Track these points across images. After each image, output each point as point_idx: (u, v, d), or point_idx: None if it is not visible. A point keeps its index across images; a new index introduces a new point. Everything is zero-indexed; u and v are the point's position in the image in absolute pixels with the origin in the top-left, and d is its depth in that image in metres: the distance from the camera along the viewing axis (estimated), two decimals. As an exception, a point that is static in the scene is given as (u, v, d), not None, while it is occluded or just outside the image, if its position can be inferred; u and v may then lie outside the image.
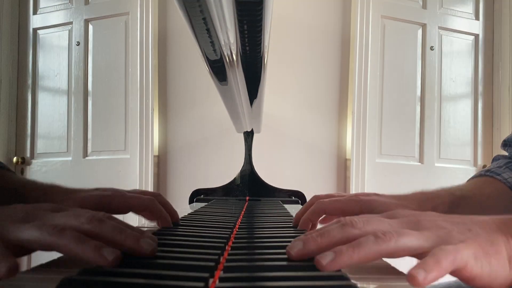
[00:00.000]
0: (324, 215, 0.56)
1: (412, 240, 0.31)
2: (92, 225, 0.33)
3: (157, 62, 1.90)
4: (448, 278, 0.36)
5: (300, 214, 0.55)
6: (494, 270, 0.31)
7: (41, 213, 0.34)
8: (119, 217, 0.41)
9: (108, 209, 0.50)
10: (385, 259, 0.36)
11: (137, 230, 0.35)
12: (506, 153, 0.69)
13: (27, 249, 0.31)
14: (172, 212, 0.54)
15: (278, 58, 1.85)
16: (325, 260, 0.30)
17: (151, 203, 0.51)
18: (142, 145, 1.86)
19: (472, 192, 0.59)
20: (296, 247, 0.32)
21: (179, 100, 1.91)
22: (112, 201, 0.51)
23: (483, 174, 0.63)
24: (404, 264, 0.33)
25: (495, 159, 0.68)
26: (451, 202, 0.55)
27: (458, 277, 0.31)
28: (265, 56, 0.53)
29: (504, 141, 0.70)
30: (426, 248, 0.31)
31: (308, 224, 0.53)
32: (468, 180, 0.65)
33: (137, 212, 0.53)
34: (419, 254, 0.31)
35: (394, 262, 0.36)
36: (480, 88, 2.09)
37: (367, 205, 0.52)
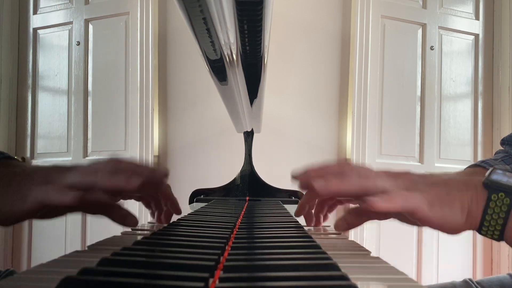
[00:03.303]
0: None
1: (386, 183, 0.40)
2: (112, 164, 0.43)
3: (157, 62, 1.90)
4: (444, 279, 0.41)
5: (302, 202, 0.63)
6: (446, 216, 0.39)
7: (77, 166, 0.44)
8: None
9: None
10: (386, 259, 0.38)
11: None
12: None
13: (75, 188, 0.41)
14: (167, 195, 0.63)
15: (278, 58, 1.85)
16: (317, 183, 0.39)
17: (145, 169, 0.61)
18: (142, 145, 1.86)
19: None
20: (298, 178, 0.43)
21: (179, 100, 1.91)
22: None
23: (478, 164, 0.66)
24: (405, 264, 0.35)
25: (497, 152, 0.70)
26: None
27: (414, 217, 0.40)
28: (265, 56, 0.53)
29: (503, 139, 0.71)
30: (394, 190, 0.40)
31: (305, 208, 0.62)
32: (464, 169, 0.68)
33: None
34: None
35: (394, 263, 0.36)
36: (480, 88, 2.09)
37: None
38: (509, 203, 0.38)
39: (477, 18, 2.10)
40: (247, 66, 0.54)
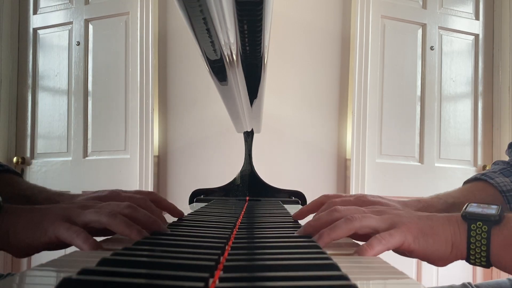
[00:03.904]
0: None
1: (372, 221, 0.44)
2: (130, 210, 0.46)
3: (157, 62, 1.90)
4: (451, 282, 0.44)
5: (305, 209, 0.64)
6: (429, 247, 0.42)
7: (93, 203, 0.48)
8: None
9: None
10: (386, 259, 0.39)
11: (160, 217, 0.51)
12: (507, 158, 0.70)
13: (91, 227, 0.45)
14: (170, 209, 0.62)
15: (278, 58, 1.85)
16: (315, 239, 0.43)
17: (143, 202, 0.56)
18: (142, 145, 1.86)
19: (466, 197, 0.65)
20: (300, 233, 0.46)
21: (179, 100, 1.91)
22: (108, 201, 0.58)
23: (478, 178, 0.67)
24: (405, 265, 0.36)
25: (495, 163, 0.70)
26: (444, 210, 0.63)
27: (400, 250, 0.44)
28: (265, 56, 0.53)
29: (511, 143, 0.71)
30: (382, 228, 0.44)
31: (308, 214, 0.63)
32: (463, 183, 0.69)
33: None
34: (376, 232, 0.43)
35: (394, 263, 0.36)
36: (480, 88, 2.09)
37: (372, 205, 0.60)
38: (487, 230, 0.42)
39: (477, 18, 2.09)
40: (247, 66, 0.54)
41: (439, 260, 0.43)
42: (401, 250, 0.44)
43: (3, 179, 0.63)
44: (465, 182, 0.70)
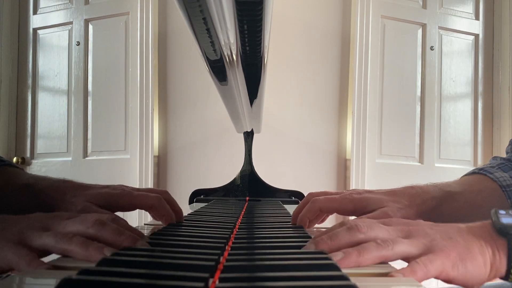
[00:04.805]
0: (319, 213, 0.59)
1: (404, 247, 0.37)
2: (95, 229, 0.38)
3: (157, 62, 1.90)
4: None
5: (297, 212, 0.59)
6: (469, 272, 0.37)
7: (57, 221, 0.40)
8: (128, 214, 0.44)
9: (115, 207, 0.55)
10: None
11: (136, 232, 0.40)
12: (505, 156, 0.69)
13: (49, 252, 0.37)
14: (177, 211, 0.57)
15: (278, 58, 1.85)
16: (336, 258, 0.35)
17: (157, 202, 0.54)
18: (142, 145, 1.86)
19: (462, 188, 0.61)
20: (309, 249, 0.38)
21: (179, 100, 1.91)
22: (120, 199, 0.55)
23: (476, 172, 0.65)
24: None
25: (493, 158, 0.69)
26: (439, 198, 0.58)
27: (440, 279, 0.37)
28: (265, 56, 0.53)
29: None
30: (414, 254, 0.37)
31: (305, 222, 0.56)
32: (461, 177, 0.67)
33: (144, 209, 0.56)
34: (408, 258, 0.37)
35: (394, 263, 0.37)
36: (480, 88, 2.09)
37: (360, 203, 0.56)
38: None
39: (477, 18, 2.09)
40: (247, 66, 0.54)
41: (478, 284, 0.38)
42: (440, 279, 0.38)
43: (5, 172, 0.61)
44: (463, 176, 0.67)
